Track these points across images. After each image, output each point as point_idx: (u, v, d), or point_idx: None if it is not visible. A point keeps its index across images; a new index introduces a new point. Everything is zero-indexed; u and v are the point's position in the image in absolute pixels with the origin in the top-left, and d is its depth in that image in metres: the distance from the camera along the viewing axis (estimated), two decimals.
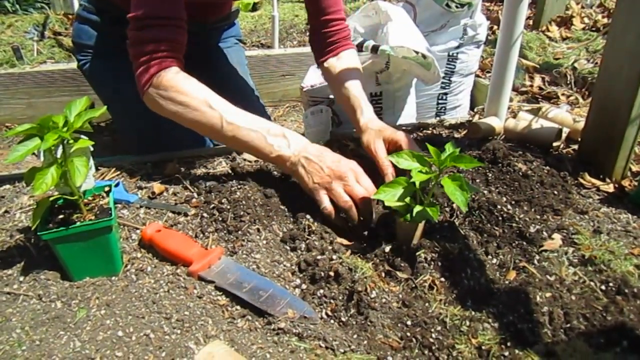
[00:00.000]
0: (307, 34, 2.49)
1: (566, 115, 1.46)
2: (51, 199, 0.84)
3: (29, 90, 2.02)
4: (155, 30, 1.05)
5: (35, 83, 2.01)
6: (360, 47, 1.44)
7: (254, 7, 2.74)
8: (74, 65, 2.03)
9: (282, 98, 2.18)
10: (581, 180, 1.23)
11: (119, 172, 1.21)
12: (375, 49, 1.42)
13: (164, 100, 1.07)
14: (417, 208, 0.90)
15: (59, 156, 0.81)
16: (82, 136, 0.83)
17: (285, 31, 2.45)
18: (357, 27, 1.62)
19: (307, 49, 2.18)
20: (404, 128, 1.46)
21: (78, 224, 0.82)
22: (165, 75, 1.05)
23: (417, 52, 1.42)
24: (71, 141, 0.80)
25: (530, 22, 2.59)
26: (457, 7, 1.76)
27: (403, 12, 1.57)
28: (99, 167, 1.21)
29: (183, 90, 1.06)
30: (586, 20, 2.48)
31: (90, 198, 0.90)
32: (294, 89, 2.15)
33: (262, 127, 1.06)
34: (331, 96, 1.56)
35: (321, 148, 1.06)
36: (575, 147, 1.37)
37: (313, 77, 1.63)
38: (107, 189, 0.92)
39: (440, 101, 1.87)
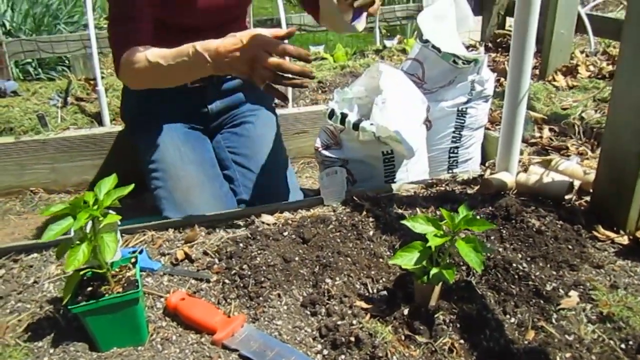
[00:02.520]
0: (319, 91, 2.57)
1: (577, 168, 1.49)
2: (81, 273, 0.87)
3: (53, 156, 2.09)
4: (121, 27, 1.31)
5: (59, 149, 2.08)
6: (356, 127, 1.51)
7: None
8: (95, 130, 2.11)
9: (296, 155, 2.24)
10: (595, 233, 1.24)
11: (142, 239, 1.25)
12: (356, 127, 1.49)
13: (129, 77, 1.33)
14: (434, 270, 0.92)
15: (88, 231, 0.86)
16: (110, 211, 0.88)
17: (298, 90, 2.53)
18: (362, 90, 1.68)
19: (320, 107, 2.26)
20: (418, 185, 1.49)
21: (107, 296, 0.85)
22: (125, 56, 1.27)
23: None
24: (100, 218, 0.84)
25: (537, 71, 2.64)
26: (463, 63, 1.81)
27: (396, 80, 1.62)
28: (123, 234, 1.25)
29: (132, 60, 1.25)
30: (591, 68, 2.53)
31: (117, 270, 0.94)
32: (308, 146, 2.21)
33: (183, 55, 1.17)
34: (344, 157, 1.60)
35: (227, 39, 1.12)
36: (588, 198, 1.39)
37: (325, 137, 1.68)
38: (133, 260, 0.96)
39: (451, 155, 1.91)
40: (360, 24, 1.34)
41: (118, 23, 1.33)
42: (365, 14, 1.34)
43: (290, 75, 1.08)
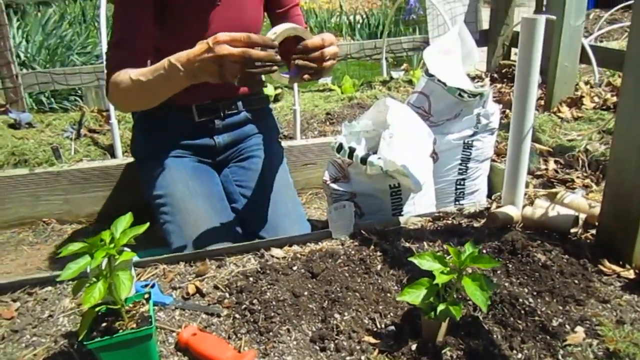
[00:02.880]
0: (327, 123, 2.61)
1: (582, 201, 1.51)
2: (96, 309, 0.90)
3: (66, 187, 2.13)
4: (116, 52, 1.38)
5: (72, 180, 2.12)
6: (364, 161, 1.53)
7: (276, 98, 2.89)
8: (108, 162, 2.15)
9: (304, 186, 2.27)
10: (601, 267, 1.26)
11: (154, 272, 1.27)
12: (363, 161, 1.52)
13: (116, 98, 1.39)
14: (441, 306, 0.94)
15: (103, 267, 0.88)
16: (125, 248, 0.91)
17: (306, 122, 2.57)
18: (370, 123, 1.71)
19: (328, 139, 2.29)
20: (425, 218, 1.52)
21: (121, 332, 0.87)
22: (112, 79, 1.35)
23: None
24: (116, 256, 0.86)
25: (542, 102, 2.68)
26: (469, 96, 1.85)
27: (403, 114, 1.65)
28: (136, 267, 1.28)
29: (118, 81, 1.33)
30: (596, 99, 2.56)
31: (131, 305, 0.96)
32: (316, 177, 2.24)
33: (159, 69, 1.25)
34: (352, 190, 1.63)
35: (196, 47, 1.18)
36: (594, 232, 1.40)
37: (334, 170, 1.71)
38: (146, 296, 0.98)
39: (458, 186, 1.93)
40: (290, 79, 1.31)
41: (117, 48, 1.39)
42: (302, 74, 1.31)
43: (258, 64, 1.14)
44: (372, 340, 1.02)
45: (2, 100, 2.95)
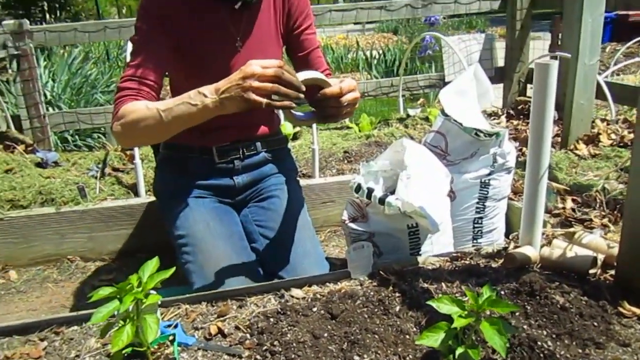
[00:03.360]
0: (345, 161, 2.66)
1: (600, 241, 1.51)
2: (123, 351, 0.93)
3: (90, 225, 2.19)
4: (127, 84, 1.41)
5: (97, 218, 2.18)
6: (382, 201, 1.56)
7: (294, 137, 2.95)
8: (131, 201, 2.21)
9: (323, 224, 2.30)
10: (621, 309, 1.25)
11: (177, 312, 1.30)
12: (382, 201, 1.55)
13: (123, 127, 1.36)
14: (459, 350, 0.95)
15: (130, 310, 0.91)
16: (152, 291, 0.94)
17: (324, 160, 2.61)
18: (387, 163, 1.75)
19: (347, 177, 2.33)
20: (443, 258, 1.53)
21: None
22: (122, 108, 1.36)
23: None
24: (143, 300, 0.90)
25: (559, 139, 2.69)
26: (485, 136, 1.88)
27: (420, 155, 1.69)
28: (159, 308, 1.31)
29: (130, 111, 1.34)
30: (613, 136, 2.57)
31: (156, 347, 0.99)
32: (335, 214, 2.27)
33: (183, 97, 1.26)
34: (371, 230, 1.65)
35: (228, 77, 1.20)
36: (613, 272, 1.40)
37: (352, 210, 1.74)
38: (171, 337, 1.01)
39: (476, 225, 1.94)
40: (306, 121, 1.36)
41: (129, 81, 1.42)
42: (313, 116, 1.35)
43: (280, 96, 1.18)
44: None
45: (29, 139, 3.05)
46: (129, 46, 2.65)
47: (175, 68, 1.56)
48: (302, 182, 2.27)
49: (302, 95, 1.20)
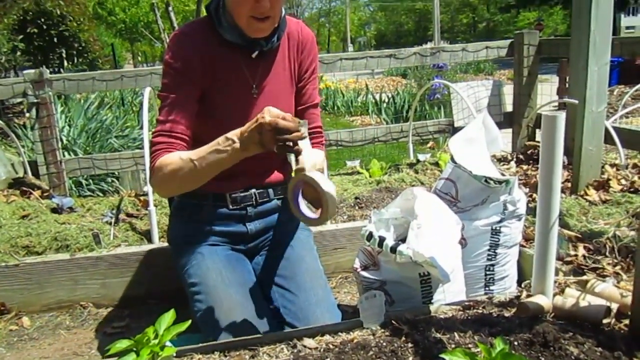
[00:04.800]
0: (356, 207, 2.68)
1: (613, 290, 1.51)
2: None
3: (104, 272, 2.21)
4: (160, 139, 1.49)
5: (110, 265, 2.21)
6: (393, 250, 1.58)
7: None
8: (145, 248, 2.24)
9: (334, 270, 2.31)
10: None
11: None
12: (393, 250, 1.56)
13: (161, 179, 1.45)
14: None
15: None
16: (167, 343, 0.95)
17: (336, 207, 2.63)
18: (398, 211, 1.76)
19: (358, 224, 2.35)
20: (455, 307, 1.53)
21: None
22: (157, 163, 1.45)
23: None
24: (160, 352, 0.91)
25: (569, 184, 2.70)
26: (495, 183, 1.90)
27: (430, 203, 1.70)
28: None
29: (166, 163, 1.43)
30: (623, 182, 2.58)
31: None
32: (346, 261, 2.28)
33: (213, 145, 1.37)
34: (382, 278, 1.66)
35: (249, 123, 1.31)
36: (627, 322, 1.39)
37: (364, 258, 1.75)
38: None
39: (487, 272, 1.94)
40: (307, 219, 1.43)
41: (161, 135, 1.50)
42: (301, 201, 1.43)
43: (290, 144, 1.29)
44: None
45: (46, 185, 3.11)
46: (146, 93, 2.74)
47: (197, 118, 1.61)
48: (314, 228, 2.29)
49: (304, 135, 1.30)
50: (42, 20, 8.98)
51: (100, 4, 24.94)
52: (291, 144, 1.30)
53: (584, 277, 1.66)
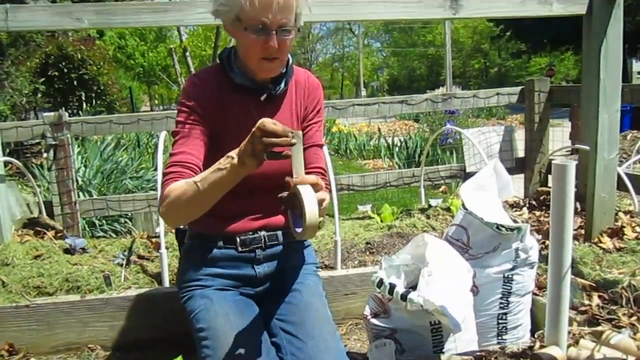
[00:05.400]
0: (367, 252, 2.67)
1: (629, 342, 1.48)
2: None
3: (113, 314, 2.20)
4: (170, 169, 1.52)
5: (120, 307, 2.20)
6: (404, 298, 1.57)
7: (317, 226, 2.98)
8: (155, 291, 2.24)
9: (345, 316, 2.28)
10: None
11: None
12: (404, 297, 1.55)
13: (169, 205, 1.46)
14: None
15: None
16: None
17: (346, 250, 2.62)
18: (409, 257, 1.76)
19: (369, 269, 2.33)
20: (467, 357, 1.50)
21: None
22: (166, 190, 1.47)
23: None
24: None
25: (582, 231, 2.68)
26: (507, 230, 1.89)
27: (441, 251, 1.70)
28: None
29: (172, 189, 1.45)
30: (637, 229, 2.55)
31: None
32: (357, 307, 2.25)
33: (216, 165, 1.38)
34: (393, 326, 1.64)
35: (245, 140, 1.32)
36: None
37: (374, 305, 1.74)
38: None
39: (500, 321, 1.91)
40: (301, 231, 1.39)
41: (173, 166, 1.53)
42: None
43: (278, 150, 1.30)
44: None
45: (60, 225, 3.14)
46: (161, 137, 2.79)
47: (207, 156, 1.65)
48: (324, 273, 2.28)
49: (292, 141, 1.31)
50: (64, 63, 9.25)
51: (120, 49, 25.69)
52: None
53: (599, 328, 1.63)
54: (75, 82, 9.42)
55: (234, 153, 1.37)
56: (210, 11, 1.58)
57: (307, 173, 1.67)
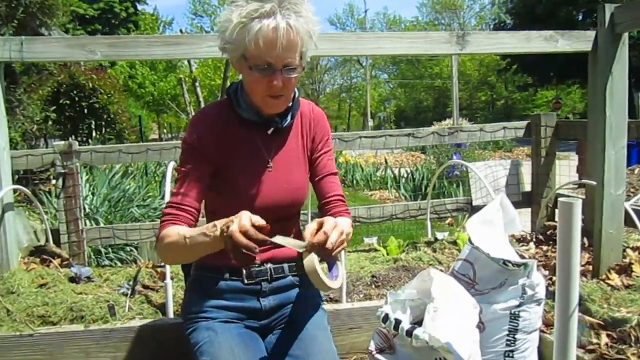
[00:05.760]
0: (373, 286, 2.65)
1: None
2: None
3: (116, 344, 2.19)
4: (169, 210, 1.58)
5: (123, 337, 2.19)
6: (409, 334, 1.56)
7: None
8: (159, 322, 2.23)
9: (349, 350, 2.26)
10: None
11: None
12: (409, 333, 1.55)
13: (161, 249, 1.54)
14: None
15: None
16: None
17: (351, 284, 2.61)
18: (414, 292, 1.75)
19: (374, 303, 2.31)
20: None
21: None
22: (162, 232, 1.53)
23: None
24: None
25: (590, 267, 2.66)
26: (513, 266, 1.88)
27: (447, 286, 1.69)
28: None
29: (168, 235, 1.51)
30: None
31: None
32: (361, 341, 2.23)
33: (203, 228, 1.43)
34: None
35: (224, 219, 1.38)
36: None
37: (379, 340, 1.72)
38: None
39: (507, 359, 1.88)
40: (336, 281, 1.47)
41: (172, 207, 1.58)
42: (337, 265, 1.50)
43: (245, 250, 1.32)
44: None
45: (66, 253, 3.15)
46: (170, 166, 2.82)
47: (211, 188, 1.67)
48: (329, 306, 2.26)
49: (254, 248, 1.33)
50: (75, 92, 9.39)
51: (131, 77, 26.09)
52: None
53: None
54: (85, 111, 9.55)
55: (219, 224, 1.41)
56: (218, 47, 1.62)
57: (325, 202, 1.76)
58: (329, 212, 1.74)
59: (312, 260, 1.36)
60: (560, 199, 1.42)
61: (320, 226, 1.43)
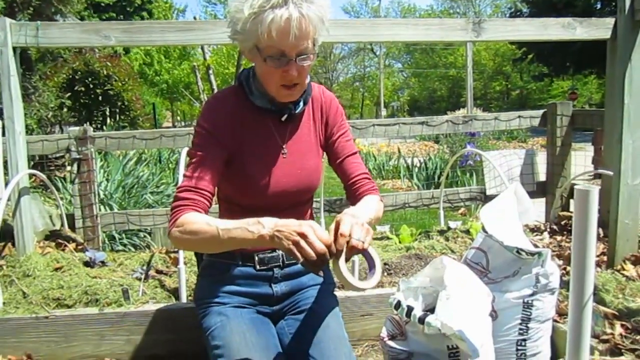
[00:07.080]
0: (385, 274, 2.65)
1: None
2: None
3: (130, 328, 2.22)
4: (185, 194, 1.52)
5: (136, 321, 2.22)
6: (421, 321, 1.56)
7: None
8: (172, 306, 2.25)
9: (361, 337, 2.27)
10: None
11: None
12: (421, 320, 1.54)
13: (181, 233, 1.45)
14: None
15: None
16: None
17: (364, 271, 2.61)
18: (427, 280, 1.74)
19: (386, 291, 2.31)
20: None
21: None
22: (182, 217, 1.47)
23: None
24: None
25: (605, 257, 2.63)
26: (527, 255, 1.86)
27: (460, 274, 1.68)
28: None
29: (191, 221, 1.45)
30: None
31: None
32: (373, 328, 2.24)
33: (243, 222, 1.38)
34: (409, 349, 1.62)
35: (289, 220, 1.32)
36: None
37: (391, 327, 1.72)
38: None
39: (519, 347, 1.87)
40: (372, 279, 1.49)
41: (186, 191, 1.53)
42: (376, 265, 1.51)
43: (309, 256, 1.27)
44: None
45: (80, 238, 3.18)
46: (183, 153, 2.83)
47: (224, 175, 1.66)
48: (341, 293, 2.26)
49: (326, 257, 1.29)
50: (90, 79, 9.45)
51: (146, 65, 26.17)
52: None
53: (622, 358, 1.59)
54: (100, 98, 9.62)
55: (266, 224, 1.35)
56: (228, 37, 1.60)
57: (351, 183, 1.74)
58: (356, 192, 1.73)
59: (339, 273, 1.34)
60: (576, 186, 1.41)
61: (338, 227, 1.37)
